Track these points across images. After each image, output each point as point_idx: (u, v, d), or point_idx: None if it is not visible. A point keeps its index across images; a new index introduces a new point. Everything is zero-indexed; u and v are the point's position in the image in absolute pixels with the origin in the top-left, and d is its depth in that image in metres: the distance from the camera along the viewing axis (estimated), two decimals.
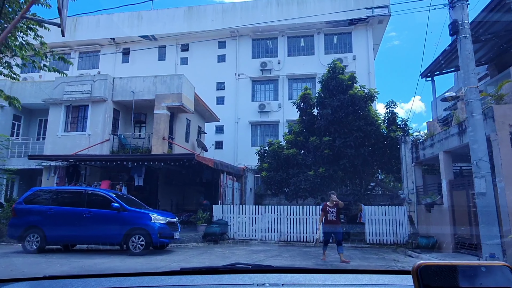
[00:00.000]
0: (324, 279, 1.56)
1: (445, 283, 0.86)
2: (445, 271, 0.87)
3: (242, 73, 28.19)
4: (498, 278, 0.86)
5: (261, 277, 1.56)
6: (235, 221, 15.00)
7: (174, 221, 11.15)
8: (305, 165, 15.67)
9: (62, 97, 18.02)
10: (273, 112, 27.03)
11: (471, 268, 0.88)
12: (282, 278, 1.54)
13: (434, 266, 0.87)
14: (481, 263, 0.89)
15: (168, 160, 14.09)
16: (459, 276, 0.87)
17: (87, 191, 10.86)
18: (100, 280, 1.55)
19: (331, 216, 9.78)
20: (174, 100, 17.65)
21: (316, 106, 16.48)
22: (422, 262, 0.89)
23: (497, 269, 0.88)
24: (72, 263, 8.90)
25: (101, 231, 10.27)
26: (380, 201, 20.51)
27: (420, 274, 0.87)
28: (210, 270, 1.70)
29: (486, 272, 0.87)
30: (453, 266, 0.87)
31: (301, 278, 1.59)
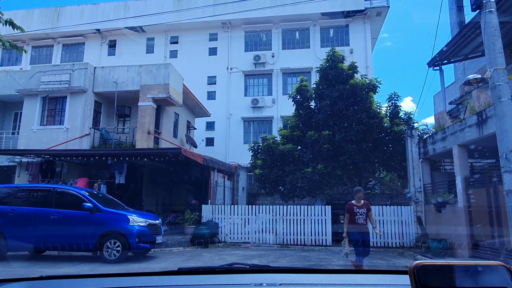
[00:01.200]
0: (322, 279, 1.55)
1: (442, 282, 0.85)
2: (442, 271, 0.86)
3: (234, 67, 26.89)
4: (495, 277, 0.85)
5: (259, 277, 1.55)
6: (226, 222, 13.70)
7: (157, 223, 9.82)
8: (302, 162, 14.43)
9: (38, 87, 16.54)
10: (267, 108, 25.78)
11: (468, 268, 0.87)
12: (279, 278, 1.54)
13: (431, 266, 0.87)
14: (478, 263, 0.88)
15: (152, 155, 12.72)
16: (456, 276, 0.86)
17: (56, 189, 9.46)
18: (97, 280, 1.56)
19: (360, 219, 7.40)
20: (160, 92, 16.28)
21: (314, 99, 15.25)
22: (419, 261, 0.89)
23: (494, 269, 0.87)
24: (32, 272, 7.53)
25: (71, 235, 8.90)
26: (379, 200, 19.41)
27: (417, 274, 0.86)
28: (207, 270, 1.71)
29: (483, 272, 0.86)
30: (450, 266, 0.87)
31: (298, 278, 1.58)
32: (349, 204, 7.61)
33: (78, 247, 8.92)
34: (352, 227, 7.36)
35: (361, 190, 7.73)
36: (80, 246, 8.92)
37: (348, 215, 7.48)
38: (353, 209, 7.45)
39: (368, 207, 7.59)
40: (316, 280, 1.54)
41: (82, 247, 8.92)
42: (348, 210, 7.48)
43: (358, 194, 7.61)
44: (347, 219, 7.49)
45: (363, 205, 7.54)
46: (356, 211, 7.43)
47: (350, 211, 7.46)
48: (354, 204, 7.52)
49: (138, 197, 15.97)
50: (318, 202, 16.16)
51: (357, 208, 7.47)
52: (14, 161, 15.42)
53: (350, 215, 7.44)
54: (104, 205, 9.36)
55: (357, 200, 7.59)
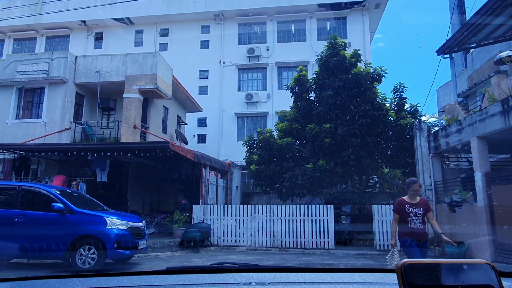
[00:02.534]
0: (310, 277, 1.55)
1: (428, 281, 0.85)
2: (429, 269, 0.87)
3: (227, 61, 25.68)
4: (479, 275, 0.86)
5: (248, 276, 1.54)
6: (219, 224, 12.50)
7: (140, 225, 8.58)
8: (302, 157, 13.30)
9: (13, 78, 15.17)
10: (262, 103, 24.63)
11: (454, 266, 0.87)
12: (268, 277, 1.54)
13: (418, 264, 0.87)
14: (463, 261, 0.88)
15: (137, 150, 11.46)
16: (442, 274, 0.86)
17: (22, 187, 8.17)
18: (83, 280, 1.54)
19: (414, 221, 5.25)
20: (147, 82, 15.02)
21: (314, 89, 14.12)
22: (406, 260, 0.88)
23: (479, 267, 0.87)
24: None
25: (39, 240, 7.63)
26: (380, 199, 18.42)
27: (404, 272, 0.86)
28: (196, 269, 1.70)
29: (468, 269, 0.87)
30: (436, 264, 0.88)
31: (287, 276, 1.58)
32: (399, 201, 5.53)
33: (46, 254, 7.68)
34: (404, 233, 5.34)
35: (416, 182, 5.53)
36: (49, 253, 7.67)
37: (397, 216, 5.41)
38: (404, 208, 5.32)
39: (426, 206, 5.46)
40: (304, 278, 1.53)
41: (51, 254, 7.67)
42: (398, 210, 5.40)
43: (413, 187, 5.38)
44: (395, 221, 5.45)
45: (419, 203, 5.38)
46: (409, 210, 5.29)
47: (400, 210, 5.36)
48: (406, 202, 5.38)
49: (123, 197, 14.69)
50: (317, 201, 15.07)
51: (410, 207, 5.30)
52: None
53: (400, 216, 5.37)
54: (78, 206, 8.11)
55: (410, 196, 5.40)
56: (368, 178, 16.56)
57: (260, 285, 1.42)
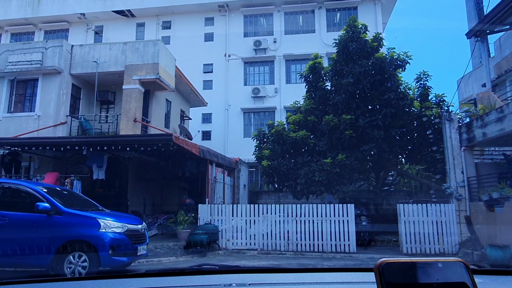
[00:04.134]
0: (291, 278, 1.55)
1: (405, 279, 0.86)
2: (405, 268, 0.87)
3: (232, 54, 24.53)
4: (453, 273, 0.87)
5: (228, 278, 1.53)
6: (228, 225, 11.35)
7: (139, 228, 7.43)
8: (318, 152, 12.12)
9: (5, 68, 14.08)
10: (269, 98, 23.45)
11: (429, 265, 0.88)
12: (249, 278, 1.53)
13: (395, 264, 0.88)
14: (438, 259, 0.89)
15: (136, 144, 10.31)
16: (418, 272, 0.87)
17: (2, 184, 7.04)
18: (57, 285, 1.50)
19: None
20: (148, 72, 13.88)
21: (331, 78, 12.93)
22: (384, 259, 0.90)
23: (453, 265, 0.89)
24: None
25: (21, 245, 6.51)
26: (399, 198, 17.25)
27: (382, 272, 0.86)
28: (176, 271, 1.66)
29: (443, 268, 0.88)
30: (412, 263, 0.88)
31: (267, 277, 1.57)
32: None
33: (29, 261, 6.54)
34: None
35: None
36: (32, 260, 6.54)
37: None
38: None
39: None
40: (285, 279, 1.53)
41: (35, 262, 6.53)
42: None
43: None
44: None
45: None
46: None
47: None
48: None
49: (123, 197, 13.55)
50: (330, 199, 13.89)
51: None
52: None
53: None
54: (68, 206, 6.97)
55: None
56: (386, 175, 15.37)
57: (241, 286, 1.41)
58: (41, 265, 6.60)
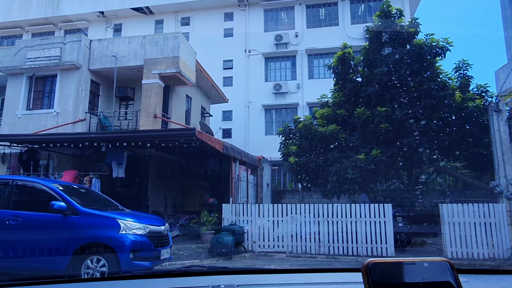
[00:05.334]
0: (279, 279, 1.54)
1: (392, 279, 0.86)
2: (392, 268, 0.88)
3: (253, 49, 23.84)
4: (439, 273, 0.88)
5: (217, 279, 1.52)
6: (254, 226, 10.62)
7: (162, 230, 6.79)
8: (350, 147, 11.27)
9: (23, 64, 13.77)
10: (291, 94, 22.65)
11: (415, 265, 0.88)
12: (237, 279, 1.51)
13: (382, 263, 0.88)
14: (424, 259, 0.90)
15: (157, 140, 9.71)
16: (405, 272, 0.87)
17: (16, 181, 6.51)
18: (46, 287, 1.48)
19: None
20: (168, 66, 13.31)
21: (363, 67, 12.04)
22: (371, 260, 0.89)
23: (438, 265, 0.89)
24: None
25: (35, 248, 5.96)
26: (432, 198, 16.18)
27: (369, 272, 0.86)
28: (164, 273, 1.66)
29: (428, 267, 0.88)
30: (399, 263, 0.88)
31: (256, 278, 1.56)
32: None
33: (44, 265, 5.98)
34: None
35: None
36: (47, 264, 5.98)
37: None
38: None
39: None
40: (273, 280, 1.53)
41: (50, 267, 5.96)
42: None
43: None
44: None
45: None
46: None
47: None
48: None
49: (143, 196, 13.03)
50: (364, 198, 13.00)
51: None
52: None
53: None
54: (86, 205, 6.39)
55: None
56: (420, 172, 14.35)
57: (229, 287, 1.38)
58: (57, 269, 6.03)
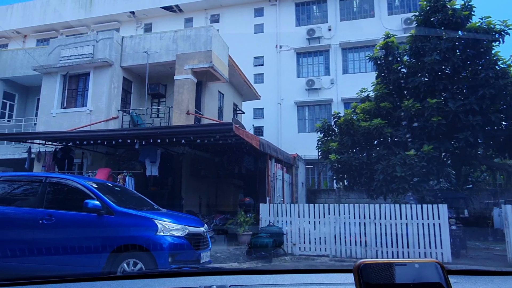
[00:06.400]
0: (271, 279, 1.54)
1: (383, 280, 0.87)
2: (383, 269, 0.88)
3: (284, 45, 23.17)
4: (429, 274, 0.88)
5: (209, 279, 1.51)
6: (294, 227, 9.96)
7: (201, 231, 6.27)
8: (396, 143, 10.41)
9: (57, 63, 13.75)
10: (325, 90, 21.81)
11: (406, 266, 0.89)
12: (229, 279, 1.49)
13: (373, 264, 0.88)
14: (415, 260, 0.91)
15: (193, 135, 9.23)
16: (396, 273, 0.88)
17: (49, 179, 6.17)
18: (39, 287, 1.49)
19: None
20: (201, 61, 12.88)
21: (410, 56, 11.13)
22: (362, 260, 0.89)
23: (429, 266, 0.90)
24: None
25: (68, 250, 5.58)
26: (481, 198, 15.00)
27: (360, 272, 0.86)
28: (155, 273, 1.65)
29: (419, 268, 0.89)
30: (390, 264, 0.89)
31: (248, 279, 1.55)
32: None
33: (78, 268, 5.58)
34: None
35: None
36: (81, 267, 5.58)
37: None
38: None
39: None
40: (265, 280, 1.52)
41: (85, 269, 5.56)
42: None
43: None
44: None
45: None
46: None
47: None
48: None
49: (176, 195, 12.65)
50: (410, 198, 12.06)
51: None
52: (27, 151, 12.63)
53: None
54: (121, 204, 5.96)
55: None
56: (470, 170, 13.21)
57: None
58: (90, 273, 5.61)
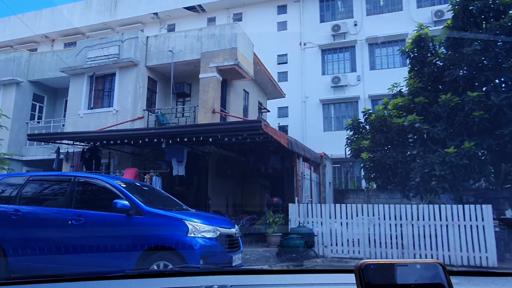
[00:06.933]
0: (272, 279, 1.54)
1: (384, 280, 0.87)
2: (385, 269, 0.88)
3: (308, 42, 22.71)
4: (431, 274, 0.88)
5: (210, 279, 1.50)
6: (325, 229, 9.56)
7: (233, 233, 5.99)
8: (433, 140, 9.81)
9: (84, 64, 13.85)
10: (351, 87, 21.21)
11: (408, 266, 0.89)
12: (230, 279, 1.50)
13: (374, 265, 0.88)
14: (417, 261, 0.90)
15: (220, 134, 8.98)
16: (397, 273, 0.88)
17: (78, 178, 6.04)
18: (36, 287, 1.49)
19: None
20: (226, 58, 12.65)
21: (447, 48, 10.52)
22: (364, 261, 0.89)
23: (430, 267, 0.90)
24: None
25: (97, 252, 5.41)
26: None
27: (362, 273, 0.86)
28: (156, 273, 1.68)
29: (421, 269, 0.89)
30: (391, 264, 0.89)
31: (249, 279, 1.56)
32: None
33: (106, 271, 5.39)
34: None
35: None
36: (110, 269, 5.37)
37: None
38: None
39: None
40: (266, 281, 1.52)
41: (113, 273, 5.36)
42: None
43: None
44: None
45: None
46: None
47: None
48: None
49: (203, 195, 12.48)
50: (446, 198, 11.43)
51: None
52: (56, 152, 12.74)
53: None
54: (150, 204, 5.75)
55: None
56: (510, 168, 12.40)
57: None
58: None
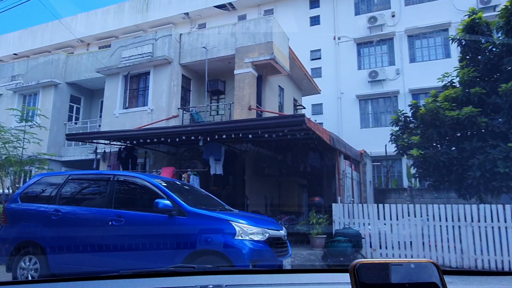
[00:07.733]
0: (267, 279, 1.53)
1: (379, 279, 0.87)
2: (379, 269, 0.88)
3: (343, 36, 21.89)
4: (425, 274, 0.88)
5: (205, 279, 1.51)
6: (373, 231, 8.89)
7: (282, 235, 5.50)
8: (493, 134, 8.92)
9: (119, 64, 13.83)
10: (389, 81, 20.23)
11: (402, 266, 0.89)
12: (225, 279, 1.50)
13: (369, 264, 0.88)
14: (411, 260, 0.91)
15: (261, 130, 8.49)
16: (391, 273, 0.88)
17: (117, 177, 5.75)
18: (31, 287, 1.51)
19: None
20: (262, 53, 12.20)
21: (505, 33, 9.57)
22: (358, 260, 0.89)
23: (424, 266, 0.90)
24: None
25: (137, 255, 5.09)
26: None
27: (356, 272, 0.86)
28: (151, 273, 1.62)
29: (415, 268, 0.89)
30: (386, 263, 0.89)
31: (244, 279, 1.56)
32: None
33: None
34: None
35: None
36: None
37: None
38: None
39: None
40: (261, 280, 1.52)
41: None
42: None
43: None
44: None
45: None
46: None
47: None
48: None
49: (239, 194, 12.08)
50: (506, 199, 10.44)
51: None
52: (94, 152, 12.74)
53: None
54: (192, 204, 5.36)
55: None
56: None
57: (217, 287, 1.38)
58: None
